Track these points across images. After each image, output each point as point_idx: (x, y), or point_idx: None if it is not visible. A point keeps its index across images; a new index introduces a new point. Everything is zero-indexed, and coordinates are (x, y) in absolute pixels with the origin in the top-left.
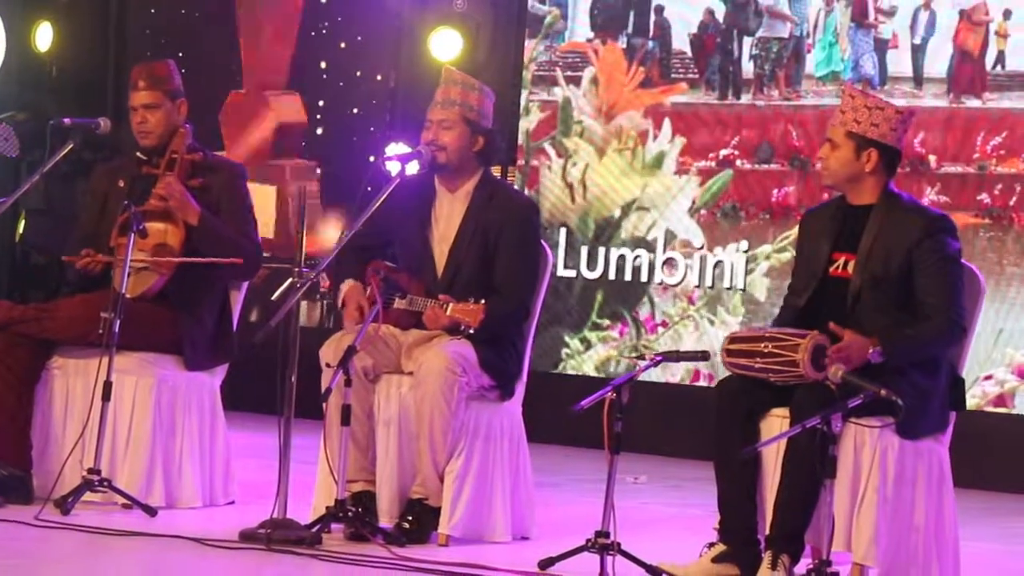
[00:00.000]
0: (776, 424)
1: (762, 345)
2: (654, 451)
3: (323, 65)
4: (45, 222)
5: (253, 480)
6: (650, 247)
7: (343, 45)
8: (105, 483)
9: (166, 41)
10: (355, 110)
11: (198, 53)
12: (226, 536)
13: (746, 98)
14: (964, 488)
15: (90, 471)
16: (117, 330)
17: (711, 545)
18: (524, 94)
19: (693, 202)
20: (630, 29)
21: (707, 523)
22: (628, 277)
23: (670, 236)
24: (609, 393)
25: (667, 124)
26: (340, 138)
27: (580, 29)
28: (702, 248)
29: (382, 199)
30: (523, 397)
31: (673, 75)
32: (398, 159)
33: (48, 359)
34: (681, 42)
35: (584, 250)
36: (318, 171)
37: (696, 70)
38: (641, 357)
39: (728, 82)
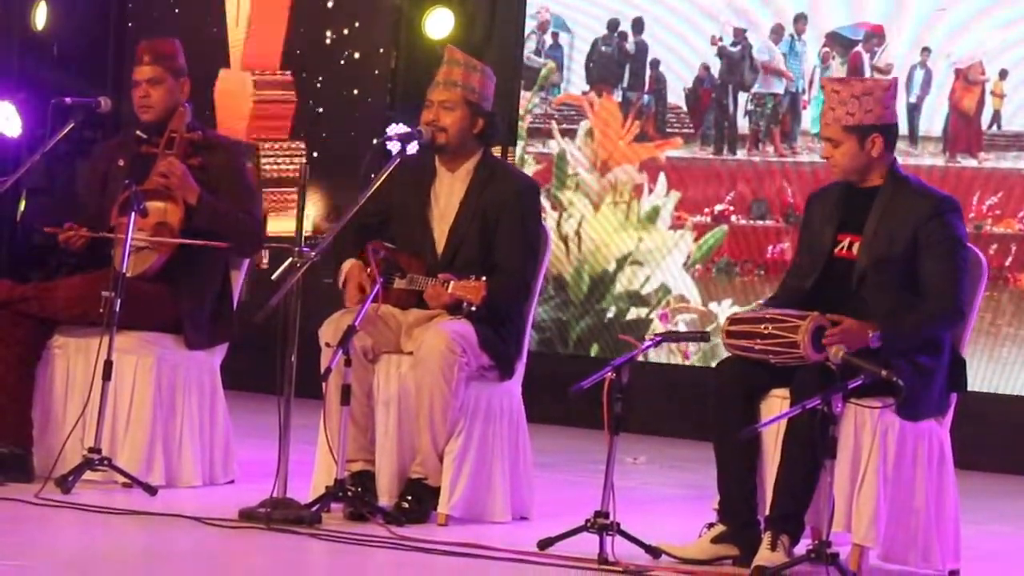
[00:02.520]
0: (776, 405)
1: (762, 327)
2: (654, 432)
3: (323, 44)
4: (46, 201)
5: (253, 459)
6: (645, 301)
7: (343, 24)
8: (105, 462)
9: (164, 18)
10: (355, 91)
11: (196, 30)
12: (226, 515)
13: (741, 153)
14: (964, 469)
15: (90, 450)
16: (117, 309)
17: (711, 525)
18: (520, 145)
19: (688, 257)
20: (626, 83)
21: (707, 503)
22: (623, 331)
23: (665, 291)
24: (609, 373)
25: (662, 178)
26: (339, 118)
27: (576, 81)
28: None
29: (382, 179)
30: (523, 377)
31: (668, 129)
32: (398, 139)
33: (49, 338)
34: (676, 96)
35: (579, 303)
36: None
37: (691, 125)
38: (641, 338)
39: (723, 137)
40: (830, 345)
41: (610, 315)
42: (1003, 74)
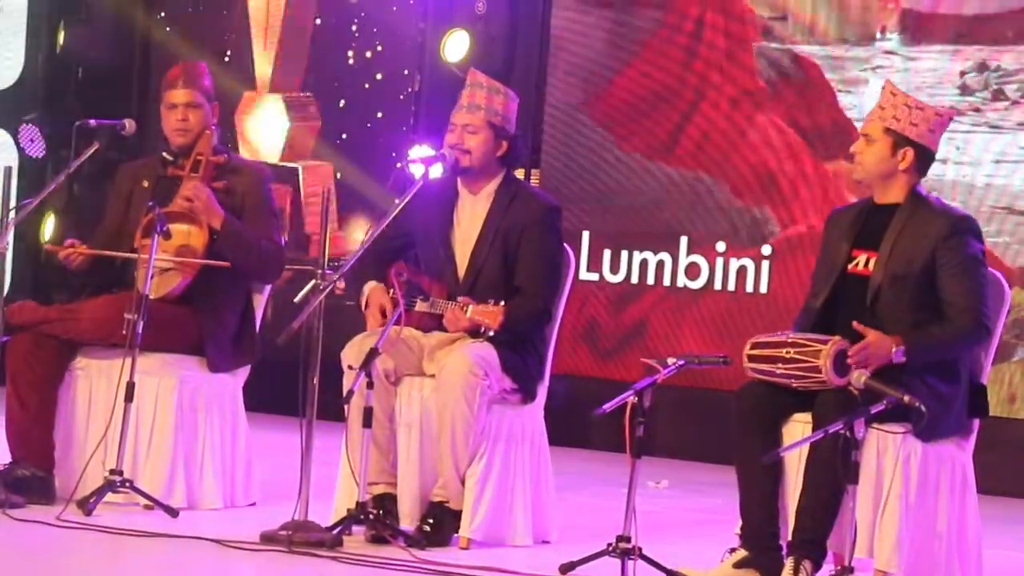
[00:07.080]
0: (798, 429)
1: (784, 351)
2: (676, 455)
3: (346, 66)
4: (70, 223)
5: (274, 482)
6: None
7: (366, 47)
8: (127, 484)
9: (188, 40)
10: (379, 113)
11: (220, 54)
12: (247, 538)
13: None
14: (987, 495)
15: (112, 472)
16: (140, 331)
17: (732, 550)
18: None
19: None
20: None
21: (728, 528)
22: None
23: None
24: (631, 397)
25: None
26: (363, 141)
27: None
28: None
29: (405, 202)
30: (545, 400)
31: None
32: (422, 162)
33: (72, 360)
34: None
35: None
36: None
37: None
38: (663, 362)
39: None
40: (855, 365)
41: None
42: None
